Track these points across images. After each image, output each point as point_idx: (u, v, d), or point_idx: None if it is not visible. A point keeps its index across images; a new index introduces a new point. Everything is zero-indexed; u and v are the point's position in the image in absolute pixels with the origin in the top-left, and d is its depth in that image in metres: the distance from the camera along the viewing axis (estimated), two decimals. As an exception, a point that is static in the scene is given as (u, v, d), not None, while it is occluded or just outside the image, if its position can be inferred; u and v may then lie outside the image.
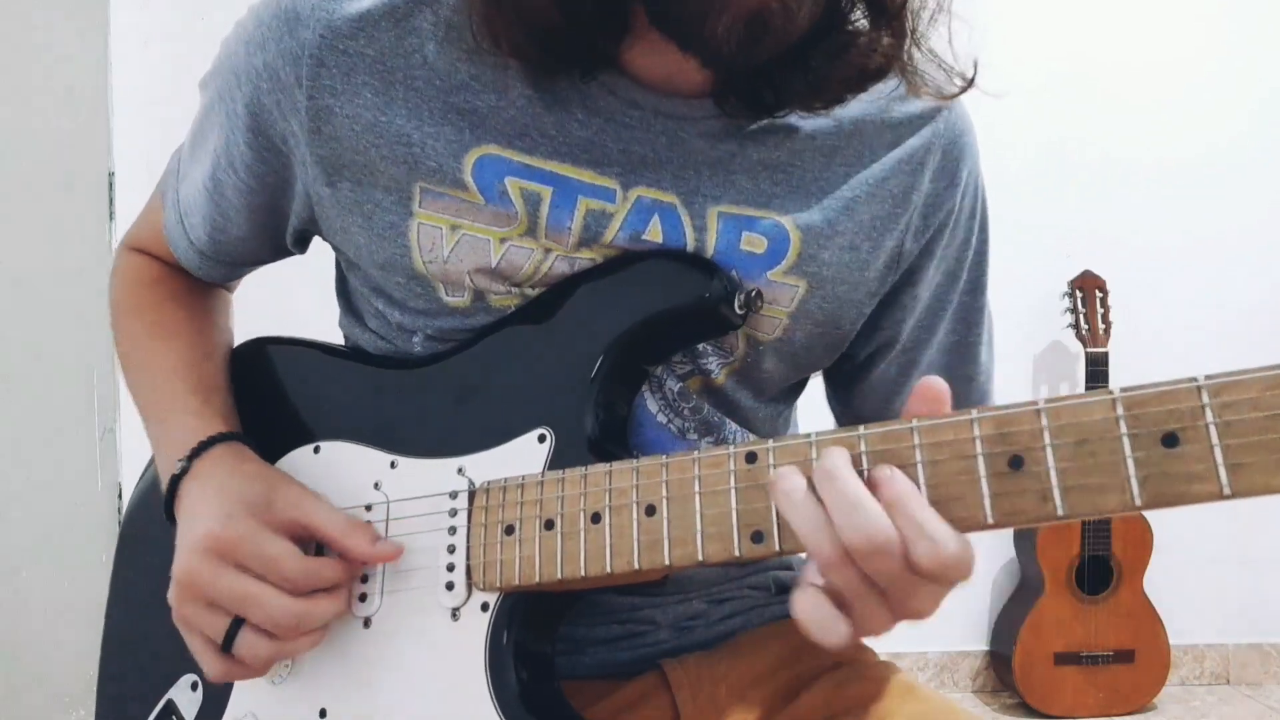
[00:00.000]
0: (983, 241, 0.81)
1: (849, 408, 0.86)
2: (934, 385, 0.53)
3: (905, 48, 0.68)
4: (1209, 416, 0.45)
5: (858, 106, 0.73)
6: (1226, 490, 0.44)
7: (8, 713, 1.97)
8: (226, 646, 0.65)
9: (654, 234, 0.69)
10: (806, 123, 0.72)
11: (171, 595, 0.67)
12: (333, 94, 0.68)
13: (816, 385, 0.86)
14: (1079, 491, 0.47)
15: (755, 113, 0.69)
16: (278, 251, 0.83)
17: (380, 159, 0.68)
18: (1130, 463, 0.46)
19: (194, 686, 0.74)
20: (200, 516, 0.67)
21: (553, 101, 0.68)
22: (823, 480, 0.51)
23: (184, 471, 0.71)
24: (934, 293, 0.80)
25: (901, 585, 0.50)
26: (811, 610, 0.51)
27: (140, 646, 0.80)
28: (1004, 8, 2.63)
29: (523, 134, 0.68)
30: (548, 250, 0.69)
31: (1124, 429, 0.46)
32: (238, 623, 0.64)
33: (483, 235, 0.68)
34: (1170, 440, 0.45)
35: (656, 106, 0.69)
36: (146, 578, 0.81)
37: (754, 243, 0.70)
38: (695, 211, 0.69)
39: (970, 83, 0.72)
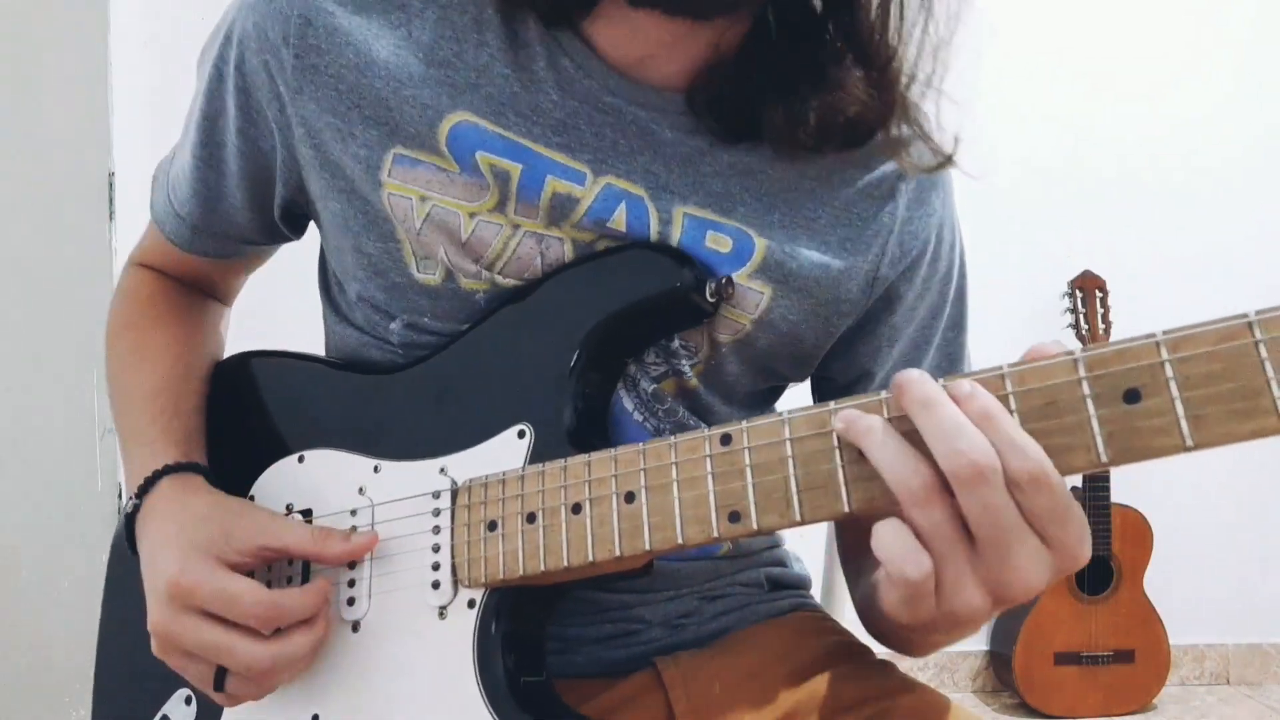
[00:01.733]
0: (962, 276, 0.81)
1: None
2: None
3: (894, 118, 0.68)
4: (1169, 371, 0.45)
5: None
6: (1189, 441, 0.45)
7: (8, 713, 1.97)
8: (219, 688, 0.65)
9: (619, 222, 0.69)
10: None
11: (153, 647, 0.67)
12: (318, 54, 0.69)
13: (794, 391, 0.85)
14: (1046, 452, 0.47)
15: (725, 127, 0.70)
16: (269, 229, 0.82)
17: (360, 120, 0.69)
18: (1095, 421, 0.47)
19: (188, 701, 0.74)
20: (159, 562, 0.67)
21: (529, 81, 0.69)
22: (919, 409, 0.48)
23: (135, 509, 0.72)
24: (917, 327, 0.78)
25: (999, 530, 0.47)
26: (892, 540, 0.49)
27: (132, 665, 0.79)
28: (1005, 7, 2.63)
29: (499, 111, 0.69)
30: (516, 226, 0.69)
31: (1087, 389, 0.47)
32: (224, 668, 0.65)
33: (452, 208, 0.69)
34: (1132, 396, 0.46)
35: (631, 95, 0.70)
36: (137, 596, 0.81)
37: (719, 241, 0.70)
38: (661, 207, 0.70)
39: (949, 159, 0.72)
